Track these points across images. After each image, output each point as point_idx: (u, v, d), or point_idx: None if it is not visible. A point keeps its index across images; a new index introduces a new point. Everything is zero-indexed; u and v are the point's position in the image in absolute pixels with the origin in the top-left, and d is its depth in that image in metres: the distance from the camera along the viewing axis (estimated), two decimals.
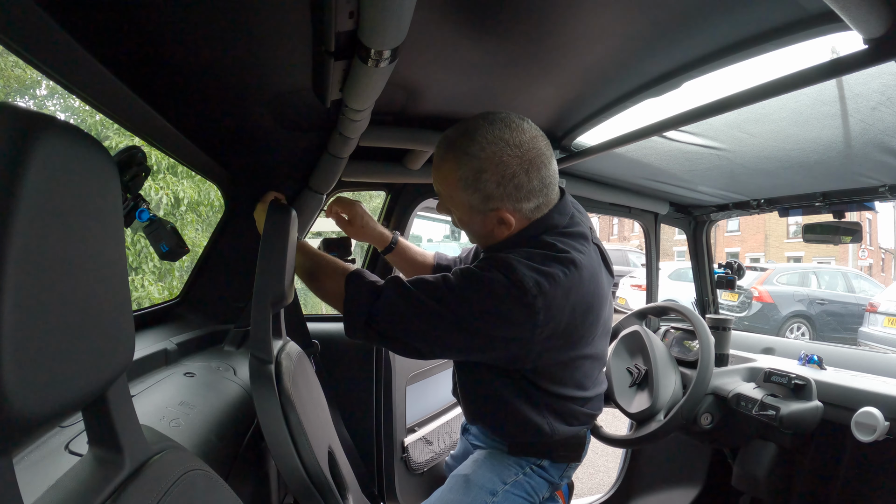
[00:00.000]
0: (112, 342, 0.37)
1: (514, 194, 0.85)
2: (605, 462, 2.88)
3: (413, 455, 1.72)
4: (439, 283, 0.83)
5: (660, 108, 1.01)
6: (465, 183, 0.85)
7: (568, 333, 0.85)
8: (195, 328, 1.27)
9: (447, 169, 0.87)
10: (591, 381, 0.97)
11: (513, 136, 0.84)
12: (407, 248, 1.26)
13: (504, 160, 0.83)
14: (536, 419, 0.92)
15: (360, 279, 0.89)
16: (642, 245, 2.27)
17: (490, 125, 0.84)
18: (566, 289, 0.81)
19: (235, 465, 0.85)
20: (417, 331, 0.83)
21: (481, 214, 0.88)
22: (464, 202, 0.88)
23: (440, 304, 0.80)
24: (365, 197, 12.84)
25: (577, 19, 0.75)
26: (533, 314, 0.78)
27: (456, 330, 0.81)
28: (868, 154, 1.14)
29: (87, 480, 0.39)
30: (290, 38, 0.76)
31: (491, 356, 0.86)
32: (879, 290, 7.74)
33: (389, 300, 0.84)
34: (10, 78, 6.34)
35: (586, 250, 0.88)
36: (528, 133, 0.85)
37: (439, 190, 0.93)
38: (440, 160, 0.89)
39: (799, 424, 1.29)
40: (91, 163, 0.35)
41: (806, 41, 0.72)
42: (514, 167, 0.83)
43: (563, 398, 0.93)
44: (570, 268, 0.82)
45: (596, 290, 0.88)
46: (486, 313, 0.79)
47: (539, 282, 0.78)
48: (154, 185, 5.02)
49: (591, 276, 0.86)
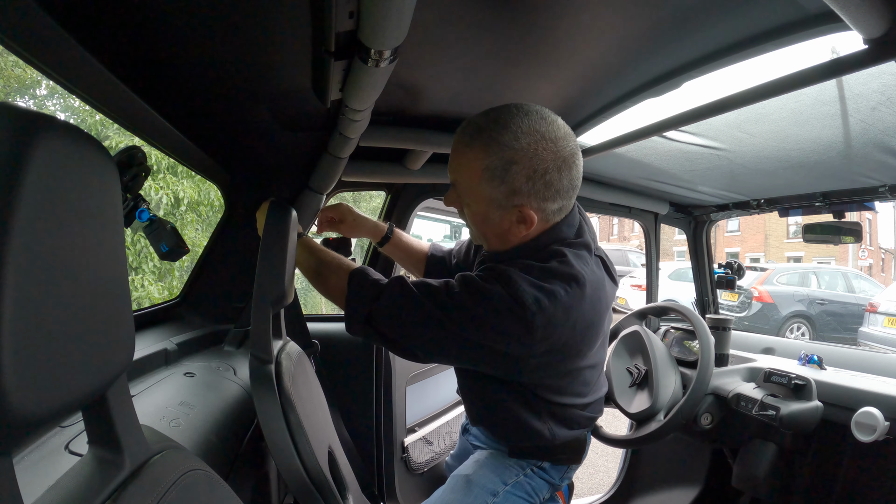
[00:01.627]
0: (112, 342, 0.37)
1: (542, 192, 0.80)
2: (605, 462, 2.88)
3: (413, 455, 1.72)
4: (441, 288, 0.81)
5: (660, 108, 1.01)
6: (491, 173, 0.80)
7: (567, 348, 0.82)
8: (195, 328, 1.27)
9: (472, 157, 0.81)
10: (591, 387, 0.96)
11: (549, 129, 0.79)
12: (402, 238, 1.25)
13: (539, 153, 0.78)
14: (537, 425, 0.92)
15: (364, 277, 0.87)
16: (642, 245, 2.27)
17: (525, 115, 0.79)
18: (566, 306, 0.78)
19: (235, 465, 0.85)
20: (415, 334, 0.82)
21: (501, 210, 0.83)
22: (484, 195, 0.82)
23: (440, 310, 0.79)
24: (365, 197, 12.86)
25: (577, 19, 0.75)
26: (530, 331, 0.76)
27: (452, 338, 0.79)
28: (868, 154, 1.14)
29: (87, 480, 0.39)
30: (290, 38, 0.76)
31: (486, 367, 0.85)
32: (879, 290, 7.75)
33: (391, 301, 0.82)
34: (10, 78, 6.34)
35: (590, 263, 0.86)
36: (563, 130, 0.81)
37: (456, 179, 0.86)
38: (464, 146, 0.82)
39: (799, 424, 1.29)
40: (91, 163, 0.35)
41: (806, 41, 0.72)
42: (548, 162, 0.79)
43: (563, 405, 0.92)
44: (573, 284, 0.79)
45: (598, 305, 0.85)
46: (483, 325, 0.77)
47: (539, 298, 0.76)
48: (154, 185, 5.02)
49: (593, 291, 0.83)
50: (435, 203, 1.77)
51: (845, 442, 1.30)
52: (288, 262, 0.89)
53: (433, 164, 1.44)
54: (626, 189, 1.84)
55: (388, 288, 0.84)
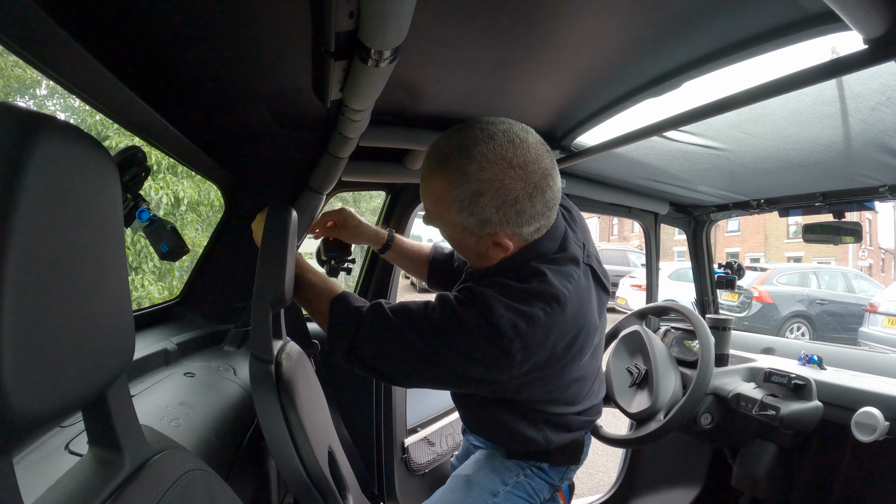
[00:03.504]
0: (112, 342, 0.37)
1: (514, 219, 0.77)
2: (605, 462, 2.88)
3: (414, 456, 1.72)
4: (420, 314, 0.79)
5: (660, 108, 1.01)
6: (459, 204, 0.76)
7: (550, 365, 0.81)
8: (195, 328, 1.27)
9: (438, 187, 0.78)
10: (583, 395, 0.95)
11: (516, 154, 0.74)
12: (403, 244, 1.23)
13: (506, 183, 0.74)
14: (531, 433, 0.92)
15: (344, 305, 0.85)
16: (642, 245, 2.27)
17: (490, 140, 0.74)
18: (546, 329, 0.76)
19: (235, 465, 0.85)
20: (396, 363, 0.81)
21: (475, 236, 0.80)
22: (456, 223, 0.79)
23: (419, 338, 0.77)
24: (365, 197, 12.82)
25: (578, 19, 0.75)
26: (508, 356, 0.74)
27: (432, 366, 0.78)
28: (868, 154, 1.14)
29: (87, 480, 0.39)
30: (290, 38, 0.76)
31: (470, 390, 0.85)
32: (879, 290, 7.75)
33: (371, 330, 0.80)
34: (10, 78, 6.34)
35: (574, 278, 0.82)
36: (533, 150, 0.76)
37: (428, 207, 0.84)
38: (430, 175, 0.79)
39: (799, 424, 1.29)
40: (91, 163, 0.35)
41: (806, 41, 0.72)
42: (516, 191, 0.75)
43: (556, 413, 0.92)
44: (553, 305, 0.77)
45: (583, 321, 0.82)
46: (461, 353, 0.75)
47: (516, 323, 0.73)
48: (154, 185, 5.02)
49: (577, 308, 0.80)
50: None
51: (845, 442, 1.30)
52: (288, 262, 0.89)
53: None
54: (626, 189, 1.84)
55: (366, 316, 0.82)
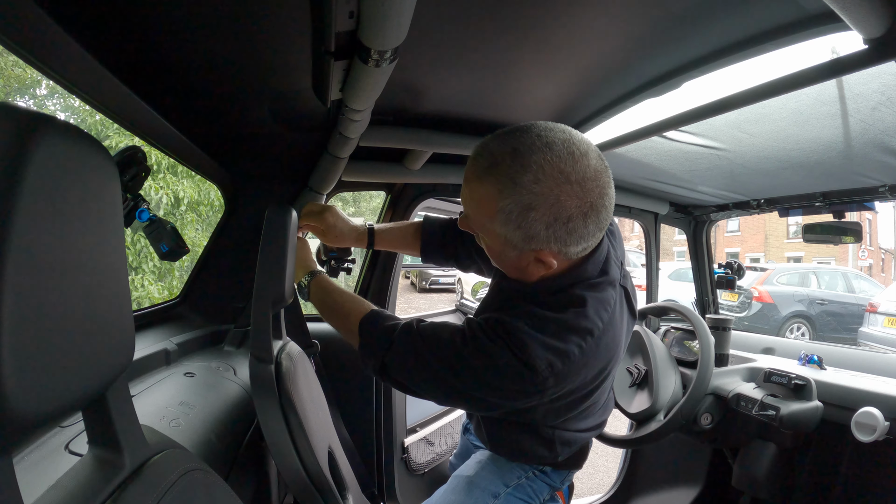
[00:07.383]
0: (112, 342, 0.37)
1: (563, 238, 0.70)
2: (605, 462, 2.88)
3: (414, 455, 1.72)
4: (449, 345, 0.76)
5: (660, 108, 1.01)
6: (505, 216, 0.69)
7: (577, 392, 0.81)
8: (195, 328, 1.27)
9: (484, 194, 0.70)
10: (597, 410, 0.96)
11: (575, 168, 0.67)
12: (385, 237, 1.17)
13: (561, 200, 0.67)
14: (542, 449, 0.93)
15: (373, 325, 0.84)
16: (642, 245, 2.26)
17: (548, 149, 0.66)
18: (580, 364, 0.74)
19: (235, 465, 0.85)
20: (427, 388, 0.81)
21: (517, 251, 0.74)
22: (499, 234, 0.72)
23: (449, 372, 0.75)
24: (365, 197, 12.80)
25: (578, 19, 0.75)
26: (541, 393, 0.73)
27: (462, 396, 0.77)
28: (868, 154, 1.14)
29: (87, 480, 0.39)
30: (290, 38, 0.76)
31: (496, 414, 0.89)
32: (879, 290, 7.74)
33: (401, 353, 0.79)
34: (10, 78, 6.34)
35: (611, 306, 0.78)
36: (594, 165, 0.68)
37: (468, 212, 0.76)
38: (476, 180, 0.71)
39: (799, 424, 1.29)
40: (91, 163, 0.35)
41: (806, 41, 0.72)
42: (571, 209, 0.68)
43: (569, 429, 0.93)
44: (587, 339, 0.73)
45: (614, 349, 0.80)
46: (492, 389, 0.74)
47: (552, 363, 0.70)
48: (154, 185, 5.02)
49: (610, 339, 0.78)
50: (435, 203, 1.76)
51: (845, 442, 1.30)
52: (288, 262, 0.89)
53: (433, 164, 1.44)
54: (626, 189, 1.84)
55: (397, 338, 0.80)
